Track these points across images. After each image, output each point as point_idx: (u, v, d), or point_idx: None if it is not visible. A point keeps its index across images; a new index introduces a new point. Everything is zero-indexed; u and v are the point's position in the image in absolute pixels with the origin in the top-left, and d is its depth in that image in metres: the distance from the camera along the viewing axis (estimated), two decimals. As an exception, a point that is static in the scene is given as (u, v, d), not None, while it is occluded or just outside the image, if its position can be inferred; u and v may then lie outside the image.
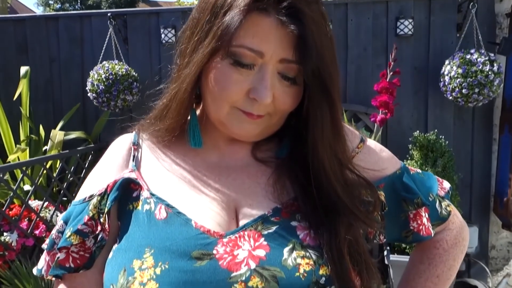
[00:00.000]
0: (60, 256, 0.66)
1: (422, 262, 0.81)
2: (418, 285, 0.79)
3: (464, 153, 2.81)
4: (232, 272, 0.58)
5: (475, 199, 2.85)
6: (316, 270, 0.59)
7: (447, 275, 0.79)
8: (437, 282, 0.79)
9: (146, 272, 0.58)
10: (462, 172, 2.73)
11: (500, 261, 2.94)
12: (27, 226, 2.22)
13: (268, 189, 0.67)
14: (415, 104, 2.83)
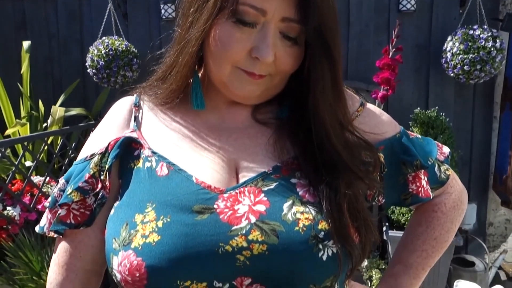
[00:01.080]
0: (61, 213, 0.67)
1: (420, 225, 0.82)
2: (416, 247, 0.80)
3: (464, 131, 2.82)
4: (232, 226, 0.59)
5: (474, 177, 2.86)
6: (315, 224, 0.60)
7: (445, 237, 0.80)
8: (434, 244, 0.80)
9: (148, 225, 0.59)
10: (462, 149, 2.74)
11: (497, 238, 2.98)
12: (30, 201, 2.24)
13: (268, 148, 0.68)
14: (416, 81, 2.82)
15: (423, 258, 0.80)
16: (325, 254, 0.59)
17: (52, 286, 0.70)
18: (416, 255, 0.80)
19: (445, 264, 2.50)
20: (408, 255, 0.80)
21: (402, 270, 0.80)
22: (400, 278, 0.79)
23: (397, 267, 0.80)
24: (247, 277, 0.58)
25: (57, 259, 0.70)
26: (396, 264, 0.81)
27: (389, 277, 0.80)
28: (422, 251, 0.80)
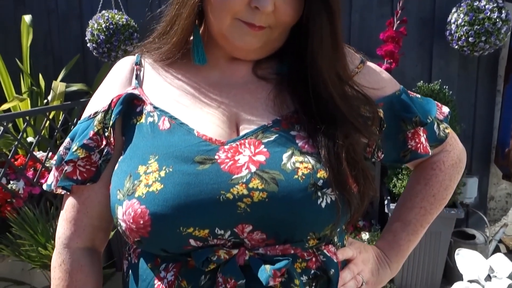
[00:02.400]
0: (67, 169, 0.69)
1: (418, 182, 0.82)
2: (415, 205, 0.81)
3: (467, 105, 2.80)
4: (233, 175, 0.60)
5: (476, 151, 2.86)
6: (314, 173, 0.61)
7: (443, 195, 0.81)
8: (433, 201, 0.80)
9: (151, 175, 0.61)
10: (465, 123, 2.73)
11: (498, 211, 3.00)
12: (33, 175, 2.25)
13: (268, 103, 0.69)
14: (419, 55, 2.79)
15: (422, 215, 0.80)
16: (324, 202, 0.60)
17: (61, 240, 0.72)
18: (415, 212, 0.80)
19: (446, 237, 2.52)
20: (406, 212, 0.81)
21: (401, 227, 0.80)
22: (399, 235, 0.80)
23: (395, 224, 0.81)
24: (248, 224, 0.59)
25: (65, 215, 0.72)
26: (394, 221, 0.82)
27: (388, 234, 0.81)
28: (420, 208, 0.80)
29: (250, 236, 0.60)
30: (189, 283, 0.62)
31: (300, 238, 0.62)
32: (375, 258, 0.78)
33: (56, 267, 0.72)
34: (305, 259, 0.64)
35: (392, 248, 0.80)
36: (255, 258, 0.60)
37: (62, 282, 0.70)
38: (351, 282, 0.70)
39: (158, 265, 0.65)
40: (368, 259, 0.75)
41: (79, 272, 0.71)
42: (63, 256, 0.71)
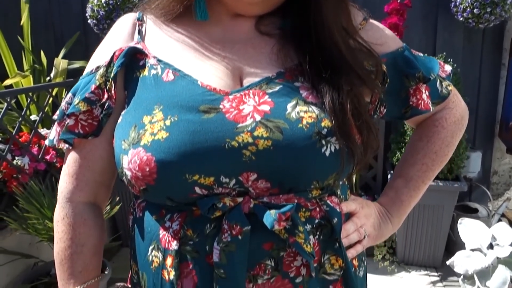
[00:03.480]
0: (69, 123, 0.69)
1: (420, 139, 0.83)
2: (416, 161, 0.81)
3: (472, 78, 2.78)
4: (238, 123, 0.61)
5: (480, 125, 2.85)
6: (318, 122, 0.61)
7: (445, 151, 0.81)
8: (434, 158, 0.81)
9: (156, 124, 0.61)
10: (469, 96, 2.71)
11: (501, 186, 3.00)
12: (38, 152, 2.26)
13: (272, 57, 0.69)
14: (423, 28, 2.76)
15: (423, 171, 0.81)
16: (328, 150, 0.61)
17: (63, 195, 0.72)
18: (416, 168, 0.81)
19: (449, 211, 2.53)
20: (408, 168, 0.82)
21: (402, 183, 0.81)
22: (400, 191, 0.81)
23: (397, 181, 0.82)
24: (253, 172, 0.60)
25: (67, 170, 0.72)
26: (396, 178, 0.83)
27: (390, 190, 0.82)
28: (422, 164, 0.81)
29: (255, 184, 0.61)
30: (195, 231, 0.63)
31: (304, 187, 0.63)
32: (377, 214, 0.79)
33: (59, 221, 0.72)
34: (308, 209, 0.65)
35: (394, 203, 0.81)
36: (260, 205, 0.61)
37: (65, 235, 0.71)
38: (354, 234, 0.71)
39: (163, 216, 0.66)
40: (370, 214, 0.77)
41: (82, 226, 0.72)
42: (66, 210, 0.72)
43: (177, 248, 0.63)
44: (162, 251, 0.65)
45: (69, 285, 0.71)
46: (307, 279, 0.65)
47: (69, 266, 0.71)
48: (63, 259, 0.72)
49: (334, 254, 0.67)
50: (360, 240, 0.73)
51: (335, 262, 0.67)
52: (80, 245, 0.72)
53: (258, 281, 0.63)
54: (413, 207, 0.84)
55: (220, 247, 0.61)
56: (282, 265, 0.63)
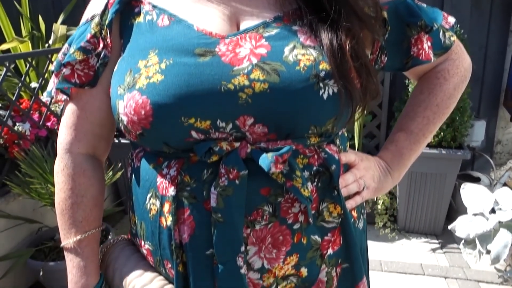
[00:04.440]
0: (65, 72, 0.69)
1: (422, 92, 0.81)
2: (418, 114, 0.80)
3: (479, 45, 2.73)
4: (234, 66, 0.60)
5: (485, 93, 2.82)
6: (316, 65, 0.60)
7: (447, 104, 0.80)
8: (436, 111, 0.79)
9: (151, 68, 0.60)
10: (475, 64, 2.65)
11: (504, 155, 2.99)
12: (39, 118, 2.25)
13: (270, 1, 0.67)
14: (430, -7, 2.69)
15: (424, 124, 0.79)
16: (326, 93, 0.60)
17: (62, 146, 0.72)
18: (418, 121, 0.79)
19: (451, 179, 2.53)
20: (409, 122, 0.80)
21: (403, 136, 0.80)
22: (401, 144, 0.79)
23: (398, 134, 0.81)
24: (249, 116, 0.59)
25: (65, 121, 0.72)
26: (397, 131, 0.81)
27: (390, 144, 0.81)
28: (423, 117, 0.79)
29: (252, 129, 0.60)
30: (192, 177, 0.63)
31: (302, 133, 0.62)
32: (376, 167, 0.78)
33: (59, 172, 0.72)
34: (306, 156, 0.64)
35: (394, 157, 0.79)
36: (257, 150, 0.61)
37: (65, 186, 0.71)
38: (353, 184, 0.71)
39: (160, 163, 0.66)
40: (370, 167, 0.76)
41: (82, 176, 0.72)
42: (65, 160, 0.71)
43: (174, 194, 0.63)
44: (159, 198, 0.65)
45: (70, 234, 0.72)
46: (305, 226, 0.64)
47: (70, 216, 0.72)
48: (64, 209, 0.72)
49: (332, 202, 0.66)
50: (359, 192, 0.73)
51: (333, 210, 0.66)
52: (80, 196, 0.72)
53: (255, 227, 0.63)
54: (416, 175, 0.83)
55: (217, 191, 0.60)
56: (280, 211, 0.63)
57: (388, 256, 2.47)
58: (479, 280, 2.23)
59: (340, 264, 0.71)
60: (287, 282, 0.67)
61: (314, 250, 0.66)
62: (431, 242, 2.63)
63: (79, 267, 0.71)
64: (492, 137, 2.91)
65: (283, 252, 0.64)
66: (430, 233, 2.70)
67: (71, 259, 0.72)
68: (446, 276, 2.27)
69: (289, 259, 0.65)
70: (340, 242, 0.69)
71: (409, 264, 2.38)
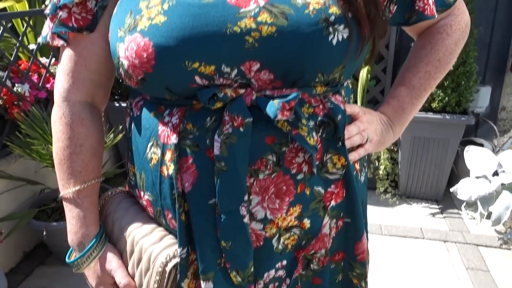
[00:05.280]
0: (62, 15, 0.65)
1: (424, 47, 0.80)
2: (419, 69, 0.79)
3: (487, 8, 2.65)
4: (241, 8, 0.57)
5: (492, 58, 2.76)
6: (325, 9, 0.58)
7: (448, 59, 0.80)
8: (437, 66, 0.79)
9: (153, 9, 0.57)
10: (483, 28, 2.60)
11: (508, 122, 2.96)
12: (38, 80, 2.22)
13: None
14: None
15: (426, 79, 0.79)
16: (335, 39, 0.57)
17: (59, 93, 0.70)
18: (419, 76, 0.79)
19: (454, 145, 2.51)
20: (410, 77, 0.80)
21: (404, 91, 0.80)
22: (402, 99, 0.79)
23: (399, 89, 0.80)
24: (256, 61, 0.57)
25: (62, 68, 0.70)
26: (398, 86, 0.81)
27: (391, 99, 0.81)
28: (425, 72, 0.79)
29: (258, 75, 0.58)
30: (195, 125, 0.61)
31: (309, 80, 0.60)
32: (379, 121, 0.78)
33: (57, 121, 0.70)
34: (312, 105, 0.63)
35: (395, 112, 0.79)
36: (262, 98, 0.59)
37: (63, 135, 0.69)
38: (356, 136, 0.70)
39: (161, 112, 0.64)
40: (373, 121, 0.75)
41: (80, 126, 0.70)
42: (63, 109, 0.70)
43: (176, 142, 0.61)
44: (160, 146, 0.64)
45: (69, 184, 0.71)
46: (308, 177, 0.63)
47: (68, 166, 0.70)
48: (62, 159, 0.70)
49: (336, 153, 0.65)
50: (362, 144, 0.72)
51: (337, 161, 0.65)
52: (79, 145, 0.70)
53: (259, 176, 0.61)
54: (419, 141, 0.83)
55: (221, 139, 0.59)
56: (284, 161, 0.62)
57: (389, 221, 2.49)
58: (478, 244, 2.25)
59: (342, 218, 0.71)
60: (290, 234, 0.66)
61: (317, 202, 0.66)
62: (431, 207, 2.64)
63: (78, 218, 0.71)
64: (496, 104, 2.87)
65: (286, 203, 0.63)
66: (431, 198, 2.72)
67: (70, 209, 0.71)
68: (446, 240, 2.29)
69: (292, 210, 0.64)
70: (343, 195, 0.69)
71: (409, 228, 2.40)
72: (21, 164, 2.08)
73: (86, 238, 0.71)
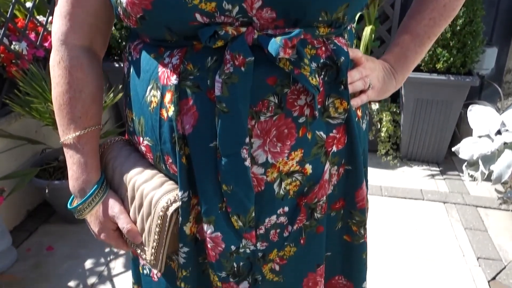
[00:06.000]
0: None
1: None
2: (424, 16, 0.77)
3: (497, -35, 2.57)
4: None
5: (499, 19, 2.69)
6: None
7: (453, 6, 0.77)
8: (442, 12, 0.76)
9: None
10: (492, -15, 2.53)
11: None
12: (35, 39, 2.18)
13: None
14: None
15: (430, 26, 0.77)
16: None
17: (57, 36, 0.68)
18: (424, 24, 0.77)
19: (457, 107, 2.49)
20: (415, 24, 0.78)
21: (408, 38, 0.78)
22: (406, 47, 0.78)
23: (403, 37, 0.78)
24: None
25: (59, 11, 0.67)
26: (402, 34, 0.79)
27: (395, 47, 0.79)
28: (429, 19, 0.77)
29: (259, 13, 0.56)
30: (195, 65, 0.59)
31: (311, 20, 0.58)
32: (381, 68, 0.76)
33: (55, 65, 0.69)
34: (314, 47, 0.61)
35: (399, 59, 0.78)
36: (264, 36, 0.57)
37: (62, 80, 0.68)
38: (358, 82, 0.68)
39: (162, 53, 0.62)
40: (375, 68, 0.74)
41: (79, 70, 0.68)
42: (61, 53, 0.68)
43: (177, 83, 0.60)
44: (160, 88, 0.62)
45: (70, 130, 0.70)
46: (310, 120, 0.62)
47: (68, 112, 0.69)
48: (62, 104, 0.69)
49: (338, 97, 0.64)
50: (365, 91, 0.71)
51: (339, 106, 0.64)
52: (78, 91, 0.68)
53: (260, 118, 0.60)
54: (422, 102, 0.81)
55: (222, 79, 0.57)
56: (286, 103, 0.60)
57: (389, 182, 2.50)
58: (477, 205, 2.27)
59: (344, 165, 0.70)
60: (292, 180, 0.66)
61: (318, 147, 0.65)
62: (432, 170, 2.65)
63: (79, 164, 0.70)
64: (502, 66, 2.83)
65: (287, 146, 0.62)
66: (432, 161, 2.72)
67: (71, 155, 0.71)
68: (445, 201, 2.31)
69: (294, 154, 0.63)
70: (345, 141, 0.68)
71: (409, 189, 2.42)
72: (21, 123, 2.07)
73: (88, 184, 0.70)
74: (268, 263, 0.71)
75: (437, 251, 1.95)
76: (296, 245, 0.71)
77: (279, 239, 0.70)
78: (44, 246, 1.98)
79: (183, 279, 0.70)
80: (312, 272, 0.74)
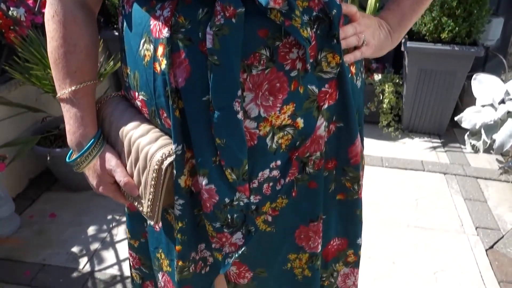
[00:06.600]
0: None
1: None
2: None
3: None
4: None
5: (508, -13, 2.63)
6: None
7: None
8: None
9: None
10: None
11: (519, 57, 2.88)
12: (33, 5, 2.15)
13: None
14: None
15: None
16: None
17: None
18: None
19: (461, 78, 2.46)
20: None
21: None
22: (403, 3, 0.76)
23: None
24: None
25: None
26: None
27: (392, 4, 0.77)
28: None
29: None
30: (187, 18, 0.58)
31: None
32: (377, 26, 0.74)
33: (49, 20, 0.68)
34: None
35: (395, 16, 0.76)
36: None
37: (56, 34, 0.67)
38: (352, 37, 0.67)
39: (153, 6, 0.61)
40: (370, 25, 0.72)
41: (73, 24, 0.68)
42: (55, 6, 0.67)
43: (168, 36, 0.59)
44: (153, 42, 0.62)
45: (65, 85, 0.70)
46: (302, 74, 0.62)
47: (64, 66, 0.69)
48: (57, 58, 0.69)
49: (331, 51, 0.63)
50: (359, 47, 0.69)
51: (331, 60, 0.64)
52: (73, 45, 0.68)
53: (252, 72, 0.60)
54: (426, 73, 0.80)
55: (213, 31, 0.56)
56: (277, 56, 0.60)
57: (390, 153, 2.50)
58: (477, 176, 2.27)
59: (335, 122, 0.70)
60: (284, 133, 0.66)
61: (310, 101, 0.65)
62: (433, 141, 2.64)
63: (76, 118, 0.70)
64: (508, 37, 2.77)
65: (279, 100, 0.62)
66: (433, 133, 2.71)
67: (67, 109, 0.71)
68: (446, 172, 2.31)
69: (286, 108, 0.63)
70: (336, 96, 0.67)
71: (410, 160, 2.42)
72: (21, 91, 2.06)
73: (84, 138, 0.71)
74: (261, 215, 0.72)
75: (436, 220, 1.96)
76: (288, 197, 0.72)
77: (272, 192, 0.70)
78: (46, 213, 2.01)
79: (179, 231, 0.71)
80: (304, 225, 0.75)
